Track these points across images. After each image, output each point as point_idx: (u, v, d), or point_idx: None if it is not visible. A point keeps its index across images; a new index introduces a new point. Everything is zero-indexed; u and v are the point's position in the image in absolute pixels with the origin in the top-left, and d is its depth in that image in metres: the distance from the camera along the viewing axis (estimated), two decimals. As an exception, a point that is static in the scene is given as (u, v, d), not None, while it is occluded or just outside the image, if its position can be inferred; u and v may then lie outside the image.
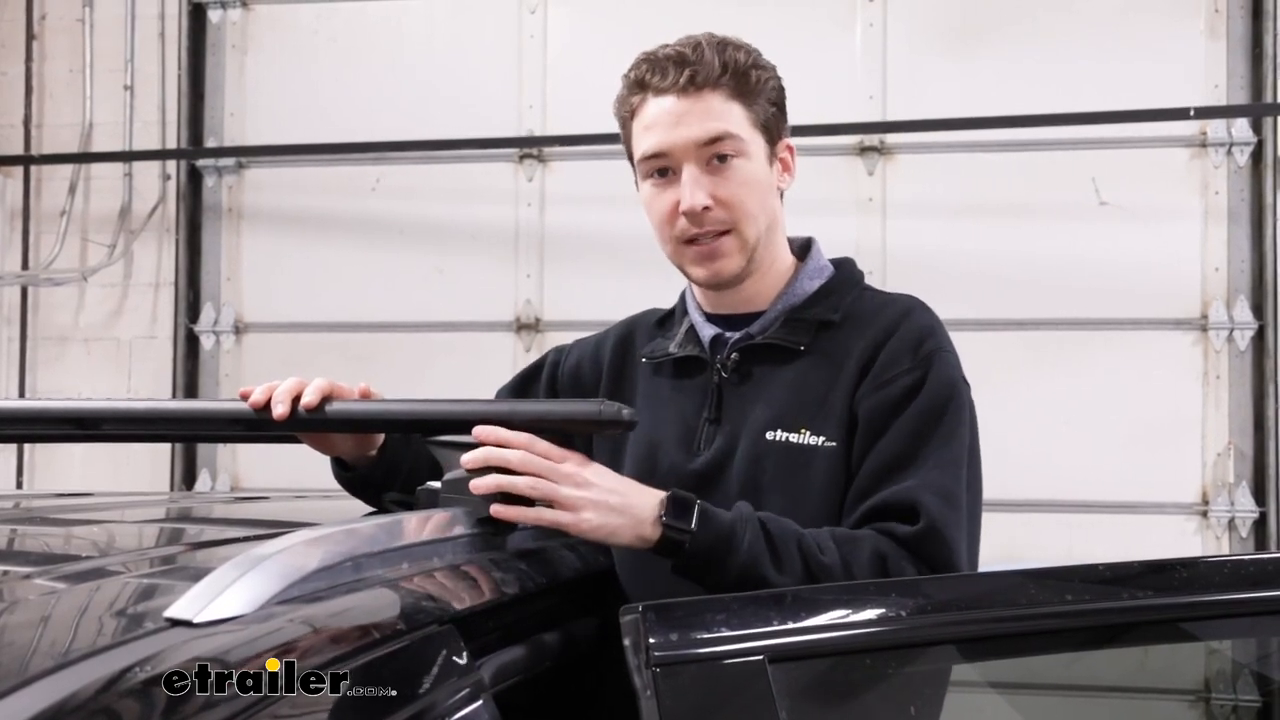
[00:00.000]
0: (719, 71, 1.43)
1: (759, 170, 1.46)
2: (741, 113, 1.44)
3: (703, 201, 1.43)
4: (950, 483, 1.36)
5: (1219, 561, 1.44)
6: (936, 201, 4.17)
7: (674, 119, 1.43)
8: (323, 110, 4.51)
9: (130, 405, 1.46)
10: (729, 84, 1.43)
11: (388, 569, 1.07)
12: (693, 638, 1.14)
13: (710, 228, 1.45)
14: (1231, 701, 1.54)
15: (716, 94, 1.43)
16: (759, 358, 1.48)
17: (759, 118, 1.46)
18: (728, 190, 1.44)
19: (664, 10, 4.13)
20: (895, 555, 1.32)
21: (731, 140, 1.43)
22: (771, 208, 1.49)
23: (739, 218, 1.45)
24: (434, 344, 4.40)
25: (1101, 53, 4.09)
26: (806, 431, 1.42)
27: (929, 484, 1.35)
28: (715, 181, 1.44)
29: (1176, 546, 3.96)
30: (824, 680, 1.22)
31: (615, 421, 1.30)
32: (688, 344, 1.53)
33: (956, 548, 1.34)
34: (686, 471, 1.47)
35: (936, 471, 1.36)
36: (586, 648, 1.39)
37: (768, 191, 1.48)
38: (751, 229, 1.46)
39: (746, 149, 1.44)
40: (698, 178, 1.43)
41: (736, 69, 1.44)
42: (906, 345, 1.43)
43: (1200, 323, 4.06)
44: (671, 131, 1.43)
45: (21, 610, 0.91)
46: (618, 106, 1.52)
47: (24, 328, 4.76)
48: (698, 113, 1.43)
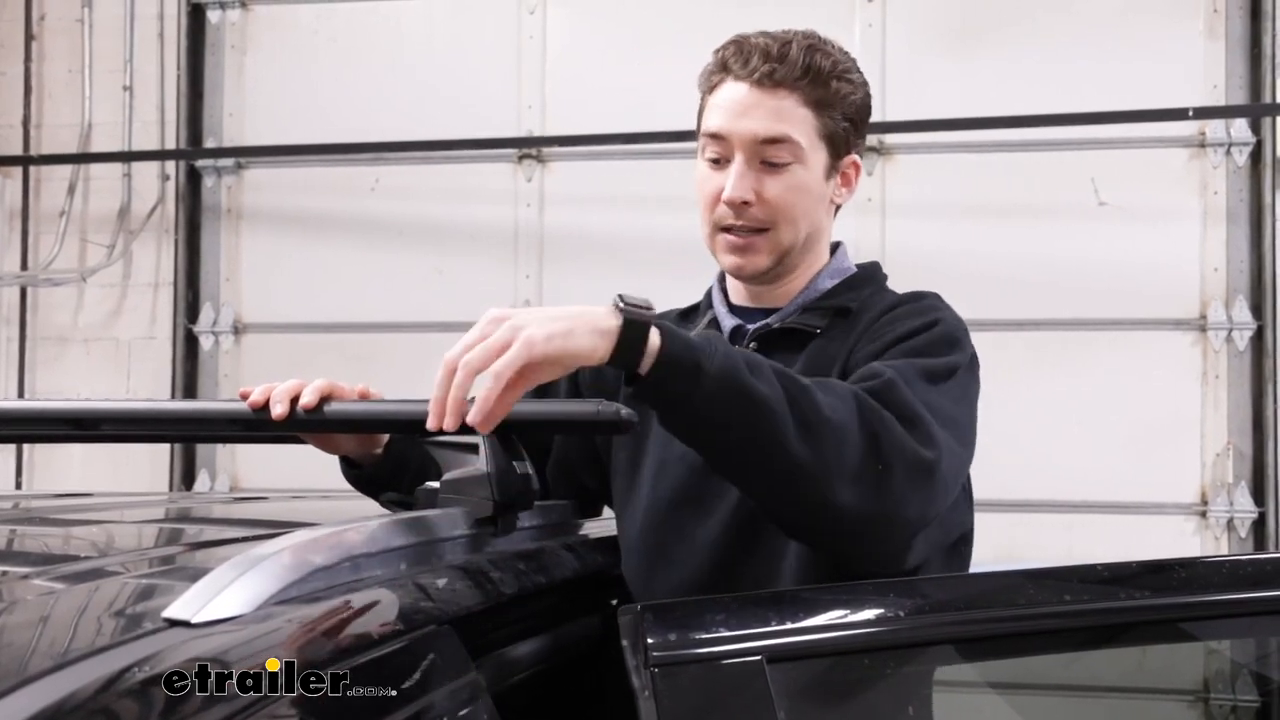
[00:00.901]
0: (799, 74, 1.43)
1: (811, 180, 1.46)
2: (810, 120, 1.44)
3: (744, 195, 1.44)
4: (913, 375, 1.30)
5: (1218, 562, 1.44)
6: (935, 202, 4.18)
7: (742, 108, 1.44)
8: (322, 110, 4.51)
9: (129, 405, 1.47)
10: (805, 89, 1.43)
11: (386, 569, 1.07)
12: (691, 638, 1.14)
13: (747, 222, 1.46)
14: (1230, 702, 1.54)
15: (791, 96, 1.43)
16: (776, 344, 1.49)
17: (827, 129, 1.46)
18: (774, 191, 1.44)
19: (663, 11, 4.13)
20: (870, 398, 1.24)
21: (790, 145, 1.43)
22: (817, 218, 1.50)
23: (778, 220, 1.45)
24: (433, 344, 4.35)
25: (1100, 53, 4.09)
26: None
27: (897, 369, 1.30)
28: (763, 179, 1.44)
29: (1175, 547, 3.96)
30: (822, 680, 1.22)
31: (614, 422, 1.27)
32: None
33: (917, 406, 1.25)
34: (699, 458, 1.47)
35: (910, 370, 1.31)
36: (585, 648, 1.39)
37: (817, 202, 1.48)
38: (788, 234, 1.47)
39: (804, 156, 1.44)
40: (745, 171, 1.44)
41: (818, 75, 1.43)
42: (910, 311, 1.44)
43: (1199, 323, 4.06)
44: (736, 119, 1.44)
45: (20, 610, 0.91)
46: (700, 79, 1.52)
47: (23, 328, 4.76)
48: (766, 109, 1.43)
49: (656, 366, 1.16)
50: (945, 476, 1.27)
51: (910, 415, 1.24)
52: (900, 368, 1.31)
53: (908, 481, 1.22)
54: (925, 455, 1.23)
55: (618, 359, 1.16)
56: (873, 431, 1.21)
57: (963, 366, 1.39)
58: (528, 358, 1.13)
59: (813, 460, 1.18)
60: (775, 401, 1.17)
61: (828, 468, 1.19)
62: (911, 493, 1.23)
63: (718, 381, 1.16)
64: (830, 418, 1.19)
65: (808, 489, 1.20)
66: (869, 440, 1.21)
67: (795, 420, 1.18)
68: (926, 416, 1.26)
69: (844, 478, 1.20)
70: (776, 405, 1.17)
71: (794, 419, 1.18)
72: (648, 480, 1.51)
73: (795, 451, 1.18)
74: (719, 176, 1.46)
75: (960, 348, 1.40)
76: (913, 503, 1.24)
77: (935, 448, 1.25)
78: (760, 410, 1.17)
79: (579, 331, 1.14)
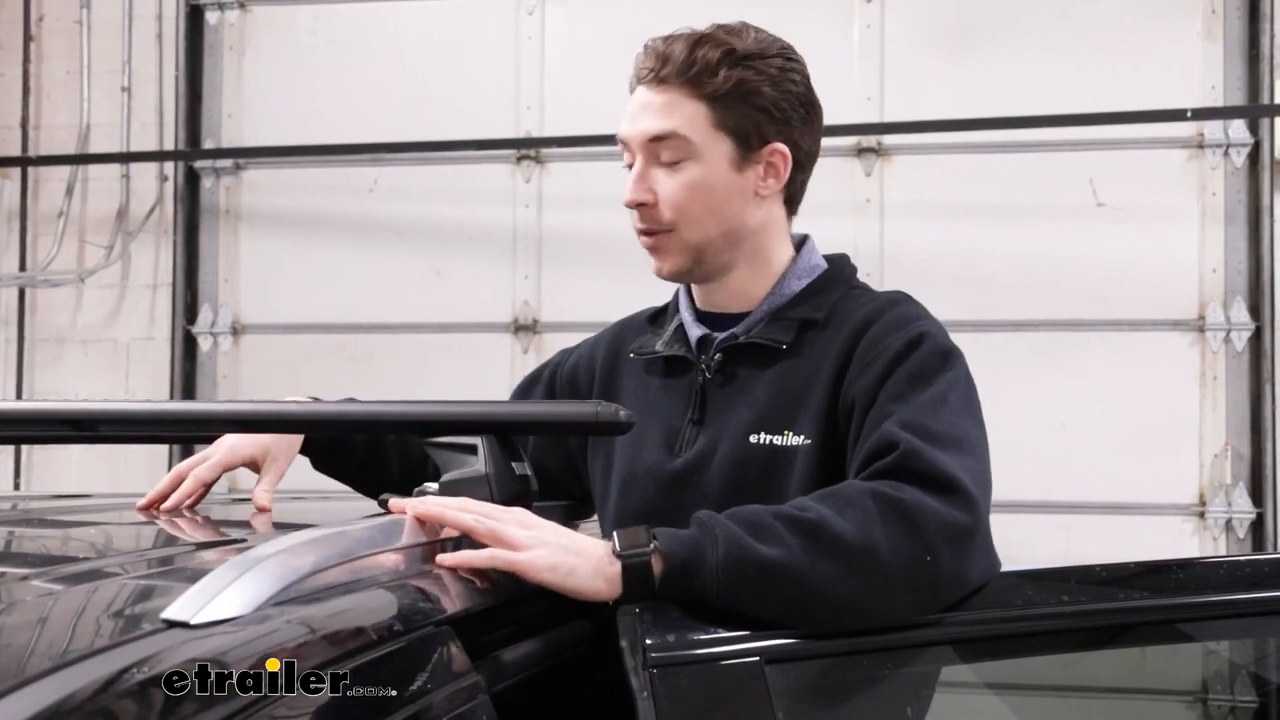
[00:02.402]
0: (681, 69, 1.40)
1: (712, 174, 1.42)
2: (701, 112, 1.40)
3: (639, 197, 1.42)
4: (929, 421, 1.27)
5: (1216, 562, 1.44)
6: (934, 203, 4.18)
7: (637, 110, 1.43)
8: (320, 111, 4.51)
9: (128, 407, 1.46)
10: (691, 81, 1.40)
11: (385, 570, 1.07)
12: (690, 639, 1.14)
13: (650, 225, 1.44)
14: (1229, 702, 1.54)
15: (678, 91, 1.41)
16: (743, 358, 1.46)
17: (727, 120, 1.41)
18: (667, 189, 1.42)
19: (662, 11, 4.11)
20: (886, 485, 1.21)
21: (678, 140, 1.40)
22: (731, 212, 1.44)
23: (679, 220, 1.43)
24: (431, 345, 4.40)
25: (1099, 54, 4.10)
26: (789, 432, 1.39)
27: (904, 422, 1.27)
28: (660, 179, 1.42)
29: (1173, 547, 3.96)
30: (820, 681, 1.22)
31: (612, 424, 1.27)
32: (675, 343, 1.51)
33: (944, 463, 1.23)
34: (666, 471, 1.45)
35: (914, 410, 1.28)
36: (585, 648, 1.39)
37: (726, 196, 1.43)
38: (694, 232, 1.43)
39: (697, 151, 1.41)
40: (642, 173, 1.43)
41: (705, 67, 1.39)
42: (891, 327, 1.38)
43: (1197, 324, 4.06)
44: (631, 122, 1.44)
45: (19, 611, 0.91)
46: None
47: (21, 329, 4.76)
48: (655, 107, 1.41)
49: (664, 585, 1.17)
50: (983, 517, 1.24)
51: (939, 480, 1.22)
52: (909, 418, 1.27)
53: (957, 553, 1.20)
54: (963, 520, 1.21)
55: (628, 598, 1.18)
56: (905, 528, 1.18)
57: (960, 377, 1.36)
58: (523, 568, 1.16)
59: (856, 588, 1.17)
60: (791, 558, 1.16)
61: (874, 590, 1.17)
62: (965, 561, 1.21)
63: (728, 570, 1.16)
64: (855, 542, 1.17)
65: (869, 609, 1.18)
66: (906, 540, 1.18)
67: (821, 563, 1.16)
68: (952, 473, 1.22)
69: (896, 586, 1.18)
70: (794, 561, 1.16)
71: (819, 563, 1.16)
72: (616, 491, 1.51)
73: (836, 590, 1.16)
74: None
75: (951, 357, 1.37)
76: (968, 566, 1.21)
77: (968, 502, 1.22)
78: (780, 573, 1.16)
79: (581, 573, 1.17)
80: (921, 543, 1.18)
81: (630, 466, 1.49)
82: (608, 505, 1.52)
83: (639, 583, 1.17)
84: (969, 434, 1.30)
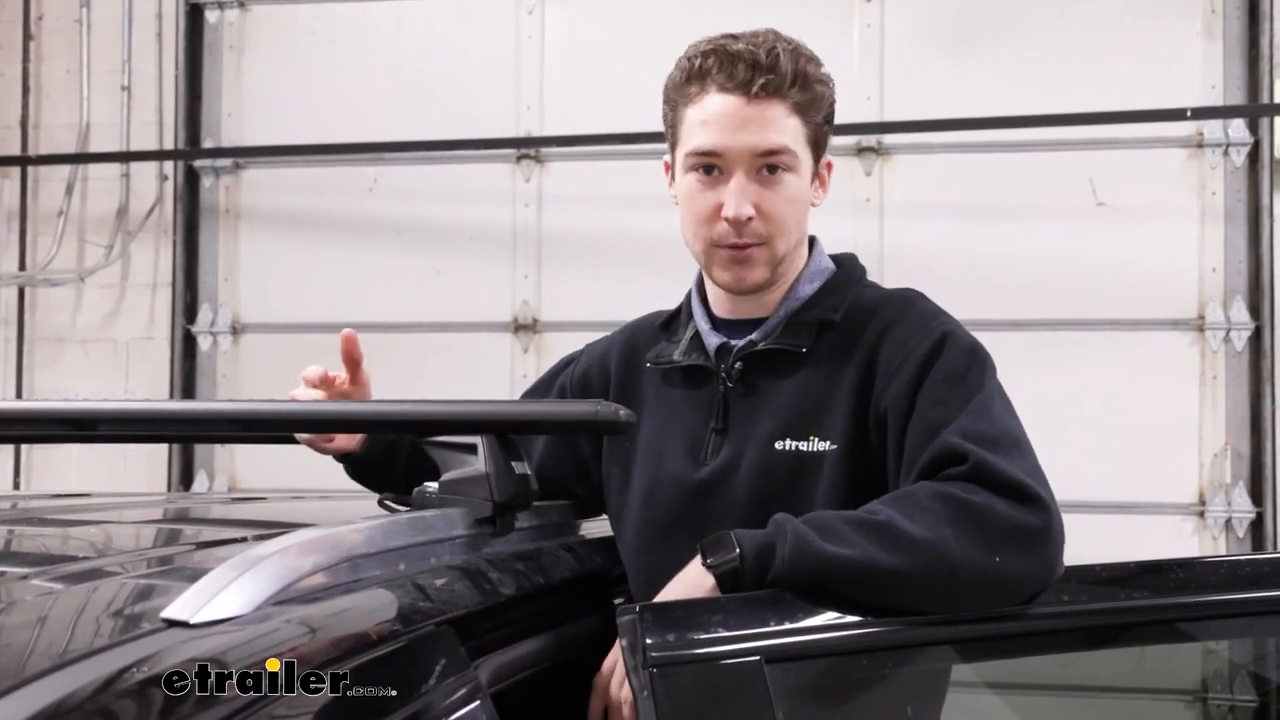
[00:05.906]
0: (790, 82, 1.40)
1: (802, 187, 1.45)
2: (799, 127, 1.42)
3: (749, 212, 1.41)
4: (985, 426, 1.30)
5: (1215, 562, 1.44)
6: (934, 202, 4.18)
7: (738, 122, 1.40)
8: (320, 111, 4.51)
9: (127, 406, 1.47)
10: (795, 96, 1.41)
11: (385, 569, 1.07)
12: (690, 638, 1.14)
13: (748, 238, 1.42)
14: (1228, 701, 1.54)
15: (783, 105, 1.41)
16: (763, 365, 1.46)
17: (812, 133, 1.44)
18: (773, 204, 1.42)
19: (662, 11, 4.13)
20: (956, 488, 1.24)
21: (787, 154, 1.41)
22: (805, 224, 1.48)
23: (775, 232, 1.43)
24: (431, 344, 4.40)
25: (1098, 54, 4.10)
26: (815, 438, 1.40)
27: (964, 431, 1.29)
28: (762, 193, 1.41)
29: (1173, 547, 3.96)
30: (820, 681, 1.22)
31: (612, 423, 1.27)
32: (693, 352, 1.51)
33: (1013, 471, 1.26)
34: (691, 480, 1.45)
35: (969, 418, 1.31)
36: (584, 648, 1.39)
37: (805, 208, 1.47)
38: (783, 244, 1.44)
39: (797, 164, 1.42)
40: (746, 187, 1.41)
41: (805, 81, 1.41)
42: (912, 329, 1.40)
43: (1197, 323, 4.06)
44: (732, 135, 1.40)
45: (19, 611, 0.91)
46: (671, 90, 1.47)
47: (21, 328, 4.75)
48: (761, 121, 1.40)
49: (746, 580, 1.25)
50: (1056, 515, 1.27)
51: (1010, 486, 1.24)
52: (968, 426, 1.30)
53: (1029, 555, 1.23)
54: (1035, 523, 1.23)
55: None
56: (974, 530, 1.21)
57: (992, 373, 1.39)
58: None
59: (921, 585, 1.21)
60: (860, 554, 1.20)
61: (941, 587, 1.21)
62: (1037, 561, 1.23)
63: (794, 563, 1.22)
64: (921, 539, 1.21)
65: (934, 605, 1.23)
66: (973, 541, 1.21)
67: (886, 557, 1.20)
68: (1021, 480, 1.25)
69: (964, 584, 1.21)
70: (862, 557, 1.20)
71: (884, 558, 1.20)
72: (639, 500, 1.50)
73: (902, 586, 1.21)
74: (713, 193, 1.42)
75: (979, 353, 1.40)
76: (1040, 567, 1.24)
77: (1042, 507, 1.25)
78: (846, 567, 1.20)
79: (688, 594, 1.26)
80: (990, 544, 1.21)
81: (654, 476, 1.49)
82: (628, 513, 1.52)
83: (731, 587, 1.25)
84: (1019, 432, 1.34)
